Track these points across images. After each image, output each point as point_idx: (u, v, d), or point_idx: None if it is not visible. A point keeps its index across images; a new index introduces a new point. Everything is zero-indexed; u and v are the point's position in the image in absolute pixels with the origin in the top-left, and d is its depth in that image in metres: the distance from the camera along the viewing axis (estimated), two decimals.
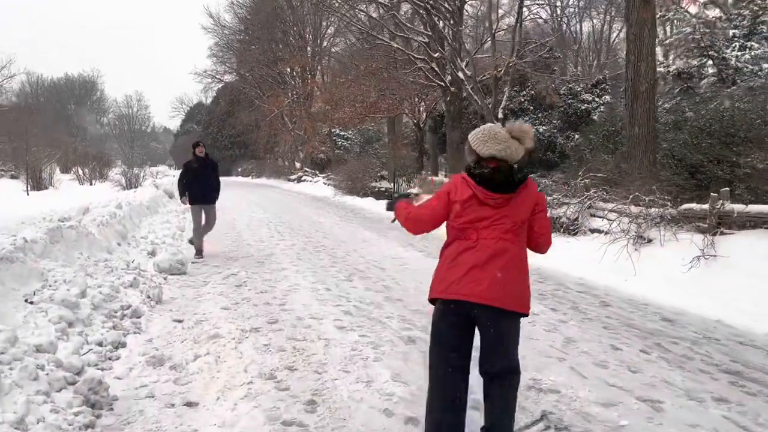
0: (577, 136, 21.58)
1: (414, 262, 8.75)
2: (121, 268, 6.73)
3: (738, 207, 6.80)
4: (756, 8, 14.00)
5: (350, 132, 41.05)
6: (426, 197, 3.40)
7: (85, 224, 7.50)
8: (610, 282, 7.12)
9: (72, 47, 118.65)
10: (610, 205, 8.98)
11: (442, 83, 18.01)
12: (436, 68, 18.02)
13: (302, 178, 35.76)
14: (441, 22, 16.31)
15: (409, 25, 18.90)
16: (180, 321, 5.42)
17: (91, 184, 28.31)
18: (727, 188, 7.24)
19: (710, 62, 14.96)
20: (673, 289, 6.39)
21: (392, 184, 23.48)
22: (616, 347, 4.72)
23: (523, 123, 2.94)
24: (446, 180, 17.43)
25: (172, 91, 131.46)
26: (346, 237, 11.59)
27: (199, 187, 9.05)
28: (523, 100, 21.91)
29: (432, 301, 2.97)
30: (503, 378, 2.82)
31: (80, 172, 30.44)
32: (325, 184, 30.19)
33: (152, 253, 8.37)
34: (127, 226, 9.17)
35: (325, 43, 39.81)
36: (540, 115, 22.51)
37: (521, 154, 2.86)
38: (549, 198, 10.50)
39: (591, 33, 42.01)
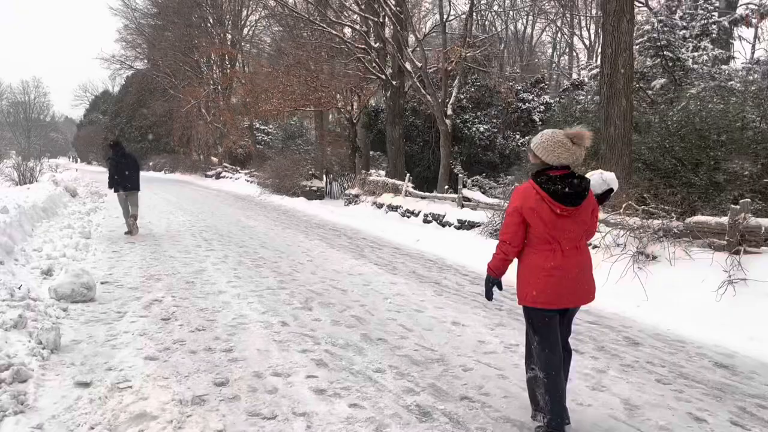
0: (518, 136, 20.97)
1: (376, 279, 7.39)
2: (1, 299, 4.94)
3: (765, 222, 5.90)
4: (709, 8, 13.59)
5: (271, 126, 39.06)
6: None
7: None
8: (619, 308, 6.05)
9: None
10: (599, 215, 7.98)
11: (383, 76, 16.70)
12: (377, 60, 16.68)
13: (221, 175, 33.46)
14: (384, 8, 14.96)
15: (350, 10, 17.39)
16: (86, 385, 3.79)
17: None
18: (748, 199, 6.34)
19: (661, 63, 14.50)
20: (703, 320, 5.38)
21: (324, 184, 21.97)
22: (697, 417, 3.56)
23: (580, 128, 3.15)
24: (385, 179, 16.18)
25: (75, 78, 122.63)
26: (286, 246, 10.04)
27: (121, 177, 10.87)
28: (462, 97, 21.01)
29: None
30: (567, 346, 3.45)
31: None
32: (248, 181, 28.21)
33: (48, 273, 6.54)
34: (15, 237, 7.24)
35: (246, 31, 37.57)
36: (479, 113, 21.70)
37: (583, 156, 3.16)
38: None
39: (514, 33, 42.10)
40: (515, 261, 3.33)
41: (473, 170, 19.65)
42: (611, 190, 3.47)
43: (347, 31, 18.96)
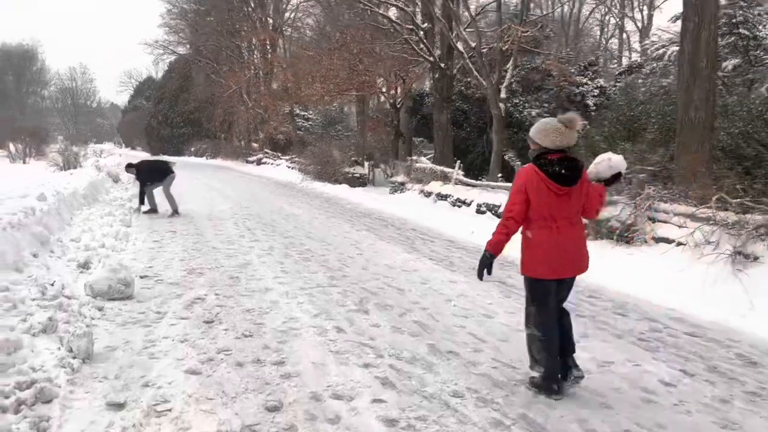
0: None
1: (433, 276, 6.75)
2: (30, 299, 4.47)
3: None
4: None
5: (311, 112, 38.61)
6: None
7: None
8: (718, 317, 5.26)
9: (8, 14, 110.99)
10: (681, 208, 7.14)
11: (431, 58, 15.93)
12: (424, 40, 15.91)
13: (262, 161, 33.19)
14: None
15: None
16: (120, 407, 3.26)
17: (24, 163, 25.17)
18: None
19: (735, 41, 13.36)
20: None
21: (366, 170, 21.38)
22: None
23: (570, 113, 3.59)
24: (433, 166, 15.47)
25: (120, 64, 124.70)
26: (332, 237, 9.47)
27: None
28: (512, 80, 20.06)
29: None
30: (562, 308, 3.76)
31: (12, 148, 27.10)
32: (289, 167, 27.80)
33: (85, 266, 6.10)
34: (52, 226, 6.84)
35: (287, 15, 37.06)
36: (529, 98, 20.75)
37: (575, 139, 3.57)
38: None
39: (560, 16, 40.51)
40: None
41: (525, 157, 18.77)
42: (619, 174, 3.65)
43: (393, 11, 18.24)
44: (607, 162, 3.61)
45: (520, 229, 3.57)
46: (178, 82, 47.89)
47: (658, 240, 7.17)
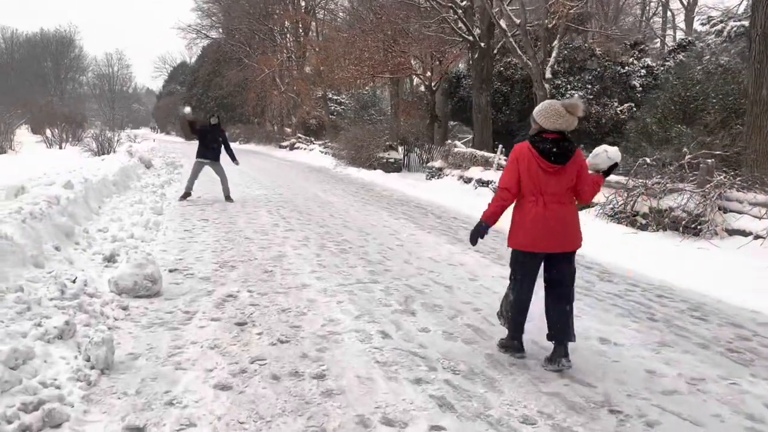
0: (616, 104, 19.01)
1: (483, 272, 6.22)
2: (48, 298, 4.09)
3: None
4: None
5: (343, 96, 38.08)
6: None
7: None
8: None
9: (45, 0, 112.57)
10: (760, 197, 6.44)
11: (470, 37, 15.22)
12: (463, 18, 15.20)
13: (295, 146, 32.85)
14: None
15: None
16: (139, 431, 2.83)
17: (60, 148, 25.28)
18: None
19: None
20: None
21: (401, 155, 20.81)
22: None
23: (574, 98, 4.15)
24: (473, 150, 14.83)
25: (154, 49, 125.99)
26: (370, 226, 8.99)
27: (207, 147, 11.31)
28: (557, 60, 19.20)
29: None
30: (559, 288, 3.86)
31: (49, 133, 27.27)
32: (322, 152, 27.38)
33: (111, 259, 5.72)
34: (78, 216, 6.50)
35: None
36: (572, 79, 19.85)
37: (575, 124, 3.69)
38: (649, 182, 7.96)
39: None
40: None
41: (582, 142, 17.97)
42: (616, 164, 3.87)
43: None
44: (604, 154, 3.83)
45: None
46: (211, 67, 47.85)
47: (732, 232, 6.49)
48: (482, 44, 15.16)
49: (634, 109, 18.72)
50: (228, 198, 11.34)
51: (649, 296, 5.48)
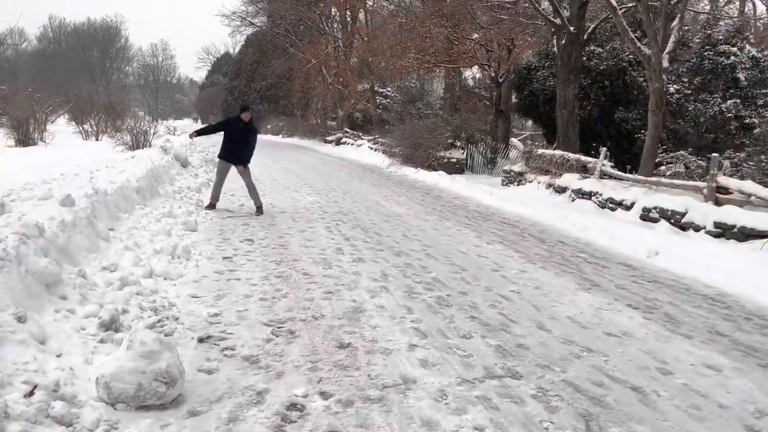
0: (718, 100, 16.41)
1: (667, 351, 4.07)
2: None
3: None
4: None
5: (389, 89, 35.97)
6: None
7: None
8: None
9: None
10: None
11: (557, 20, 12.94)
12: None
13: (342, 140, 30.94)
14: None
15: None
16: None
17: (97, 139, 23.89)
18: None
19: None
20: None
21: (465, 155, 18.64)
22: None
23: None
24: (564, 153, 12.60)
25: (198, 40, 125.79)
26: (461, 255, 6.90)
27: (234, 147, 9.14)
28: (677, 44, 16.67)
29: None
30: None
31: (87, 124, 25.92)
32: (371, 148, 25.38)
33: (110, 326, 3.76)
34: (74, 250, 4.57)
35: None
36: None
37: None
38: None
39: None
40: None
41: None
42: None
43: None
44: None
45: None
46: (255, 57, 46.39)
47: None
48: (572, 28, 12.87)
49: (740, 106, 16.15)
50: (259, 210, 9.18)
51: None
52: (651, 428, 3.03)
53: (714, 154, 8.02)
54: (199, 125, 59.83)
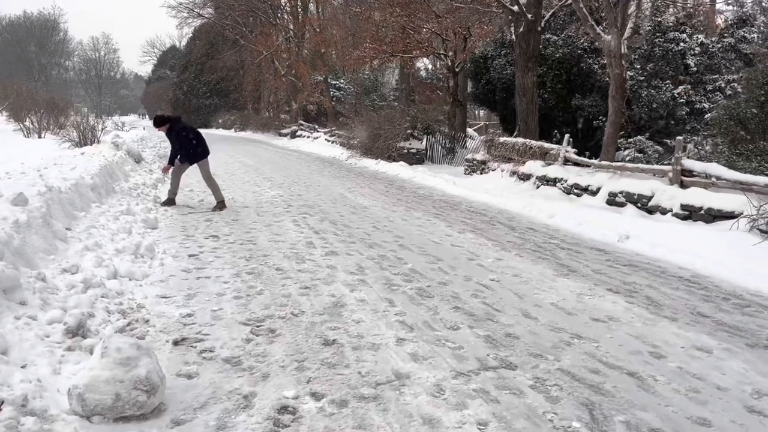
0: (669, 86, 16.78)
1: (657, 335, 4.04)
2: None
3: None
4: None
5: (342, 80, 35.67)
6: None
7: None
8: None
9: None
10: None
11: (515, 7, 12.96)
12: None
13: (297, 133, 30.49)
14: None
15: None
16: None
17: (39, 137, 22.81)
18: None
19: None
20: None
21: (424, 145, 18.56)
22: None
23: None
24: (526, 141, 12.64)
25: (142, 33, 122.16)
26: (434, 245, 6.79)
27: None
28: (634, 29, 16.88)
29: None
30: None
31: (28, 122, 24.72)
32: (328, 141, 25.08)
33: (77, 331, 3.47)
34: (31, 252, 4.23)
35: None
36: None
37: None
38: None
39: None
40: None
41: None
42: None
43: None
44: None
45: None
46: (204, 49, 45.25)
47: None
48: (529, 15, 12.90)
49: (691, 92, 16.58)
50: (220, 205, 8.87)
51: None
52: (655, 414, 2.96)
53: (678, 138, 8.13)
54: (147, 121, 58.19)
